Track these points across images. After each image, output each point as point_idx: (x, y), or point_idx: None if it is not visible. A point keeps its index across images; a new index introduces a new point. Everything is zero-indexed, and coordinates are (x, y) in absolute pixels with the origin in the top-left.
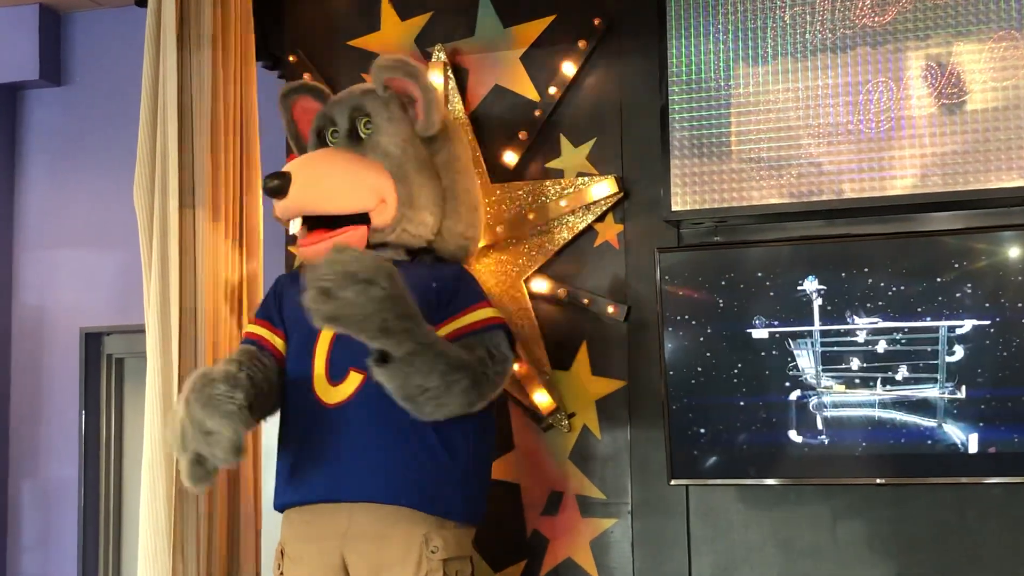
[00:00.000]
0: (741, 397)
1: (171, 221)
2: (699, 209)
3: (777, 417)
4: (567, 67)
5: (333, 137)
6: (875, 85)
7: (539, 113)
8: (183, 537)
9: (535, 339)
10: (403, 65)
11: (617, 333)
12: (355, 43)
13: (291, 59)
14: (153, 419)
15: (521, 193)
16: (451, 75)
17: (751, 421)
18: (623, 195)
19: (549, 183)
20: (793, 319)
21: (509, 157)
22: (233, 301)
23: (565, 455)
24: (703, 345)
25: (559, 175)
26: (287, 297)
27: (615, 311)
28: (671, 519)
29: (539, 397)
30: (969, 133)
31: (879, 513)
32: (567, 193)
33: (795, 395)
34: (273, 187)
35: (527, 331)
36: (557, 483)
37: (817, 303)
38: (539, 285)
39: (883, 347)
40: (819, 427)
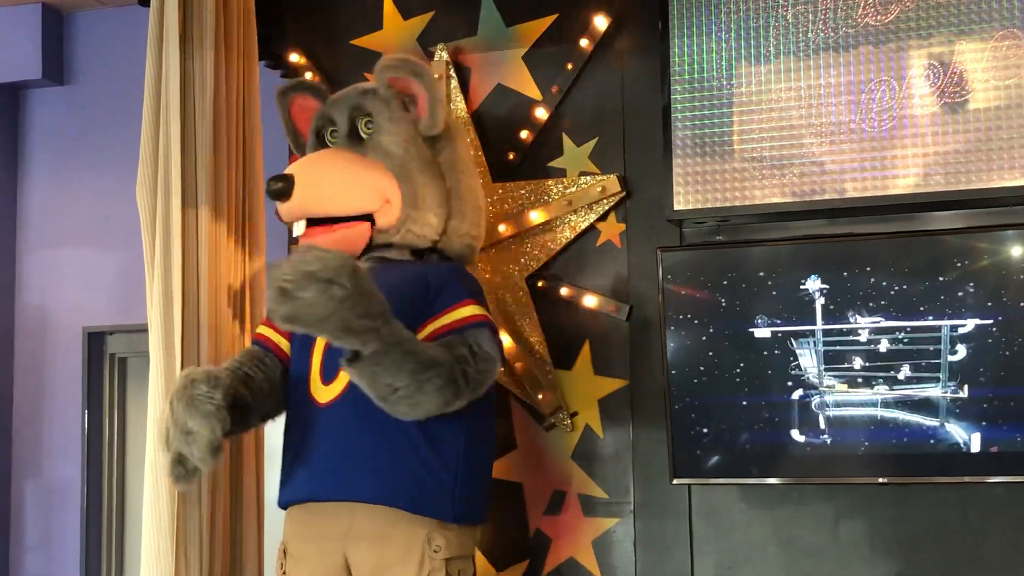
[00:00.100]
0: (743, 396)
1: (174, 220)
2: (701, 208)
3: (779, 416)
4: (569, 66)
5: (332, 137)
6: (877, 84)
7: (541, 112)
8: (186, 536)
9: (537, 338)
10: (408, 64)
11: (619, 332)
12: (357, 42)
13: (293, 58)
14: (156, 418)
15: (523, 192)
16: (453, 74)
17: (753, 420)
18: (625, 194)
19: (551, 182)
20: (795, 318)
21: (511, 156)
22: (236, 300)
23: (567, 454)
24: (705, 344)
25: (561, 174)
26: None
27: (617, 310)
28: (673, 518)
29: (541, 397)
30: (971, 132)
31: (881, 512)
32: (569, 192)
33: (797, 394)
34: (276, 190)
35: (529, 329)
36: (560, 482)
37: (819, 302)
38: (542, 284)
39: (885, 346)
40: (821, 426)
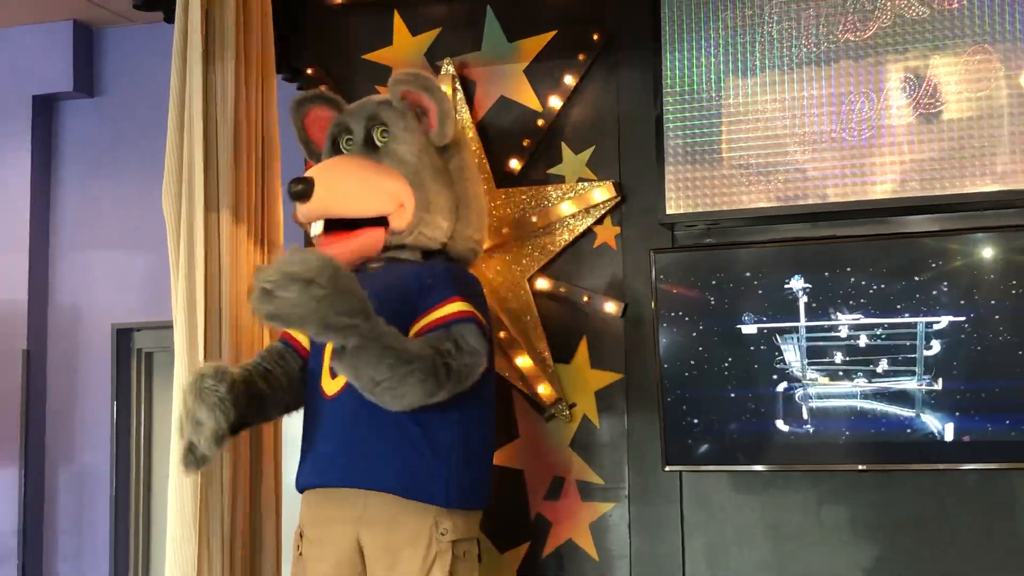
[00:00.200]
0: (732, 389)
1: (197, 224)
2: (692, 212)
3: (765, 408)
4: (568, 79)
5: (348, 144)
6: (857, 96)
7: (541, 122)
8: (208, 519)
9: (538, 334)
10: (420, 79)
11: (615, 329)
12: (369, 57)
13: (309, 71)
14: (179, 409)
15: (525, 197)
16: (459, 87)
17: (741, 411)
18: (620, 199)
19: (551, 188)
20: (780, 316)
21: (513, 163)
22: None
23: (566, 443)
24: (696, 340)
25: (560, 180)
26: None
27: (613, 308)
28: (666, 503)
29: (542, 389)
30: (945, 141)
31: (861, 498)
32: (568, 197)
33: (782, 387)
34: (297, 191)
35: (530, 326)
36: (559, 469)
37: (803, 301)
38: (542, 284)
39: (864, 342)
40: (805, 417)
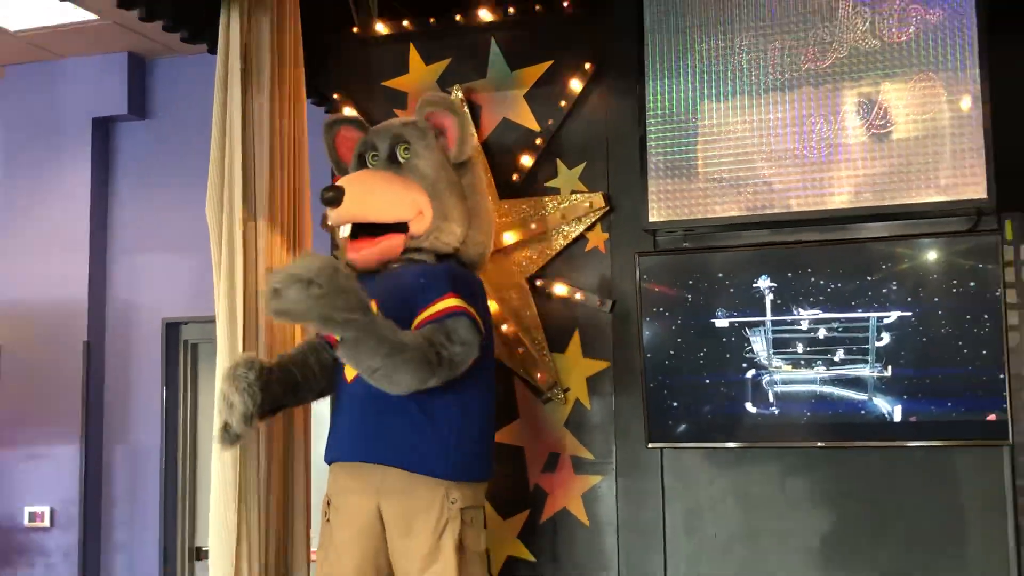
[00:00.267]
0: (706, 376)
1: (236, 231)
2: (672, 220)
3: (736, 392)
4: (563, 103)
5: (373, 160)
6: (817, 118)
7: (540, 141)
8: (246, 491)
9: (536, 327)
10: (446, 102)
11: (604, 322)
12: (388, 83)
13: (335, 96)
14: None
15: (525, 207)
16: (467, 110)
17: (714, 395)
18: (609, 209)
19: (548, 199)
20: (749, 311)
21: (515, 177)
22: None
23: (561, 423)
24: (675, 333)
25: (556, 192)
26: None
27: (602, 304)
28: (648, 476)
29: (539, 375)
30: (894, 157)
31: (821, 472)
32: (562, 207)
33: (751, 374)
34: (329, 197)
35: (529, 320)
36: (555, 446)
37: (769, 298)
38: (540, 283)
39: (823, 334)
40: (770, 400)
